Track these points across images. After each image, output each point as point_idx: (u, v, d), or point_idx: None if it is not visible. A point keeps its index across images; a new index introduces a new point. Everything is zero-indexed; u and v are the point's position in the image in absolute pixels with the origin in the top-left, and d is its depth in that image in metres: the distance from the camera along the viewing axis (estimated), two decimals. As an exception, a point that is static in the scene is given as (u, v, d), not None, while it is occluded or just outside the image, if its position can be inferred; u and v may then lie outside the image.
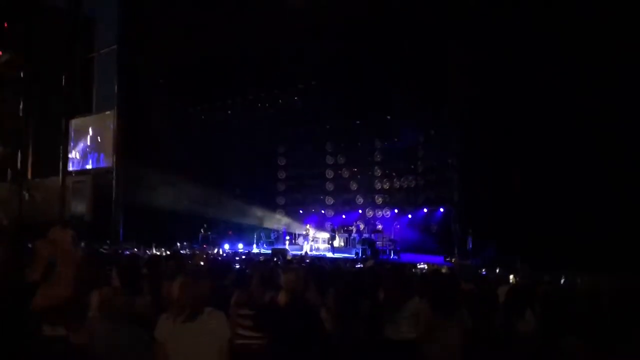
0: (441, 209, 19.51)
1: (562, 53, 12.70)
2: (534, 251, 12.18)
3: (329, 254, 18.75)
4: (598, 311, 4.56)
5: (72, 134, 24.54)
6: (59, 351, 3.08)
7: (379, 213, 22.51)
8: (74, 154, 24.50)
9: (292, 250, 18.90)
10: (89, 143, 23.91)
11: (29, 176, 25.57)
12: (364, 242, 18.30)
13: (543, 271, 8.76)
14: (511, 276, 7.80)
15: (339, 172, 23.71)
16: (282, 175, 25.12)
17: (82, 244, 13.95)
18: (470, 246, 15.18)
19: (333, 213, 23.74)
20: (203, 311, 3.31)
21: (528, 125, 13.52)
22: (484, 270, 9.19)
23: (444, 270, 7.92)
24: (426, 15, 15.00)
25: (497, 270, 9.19)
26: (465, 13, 14.44)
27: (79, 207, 23.66)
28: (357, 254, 17.62)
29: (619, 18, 11.80)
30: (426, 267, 8.98)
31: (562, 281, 7.59)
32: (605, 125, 12.03)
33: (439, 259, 14.73)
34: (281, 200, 25.03)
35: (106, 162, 22.94)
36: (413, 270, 9.09)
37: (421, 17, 15.07)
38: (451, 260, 9.07)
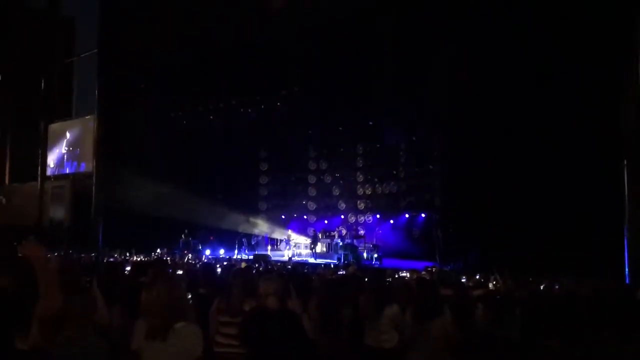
0: (423, 215, 19.61)
1: (547, 60, 12.86)
2: (515, 256, 12.29)
3: (311, 260, 18.71)
4: (575, 314, 4.63)
5: (51, 139, 24.24)
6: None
7: (361, 218, 22.53)
8: (53, 159, 24.18)
9: (274, 256, 18.84)
10: (68, 148, 23.63)
11: (7, 181, 25.21)
12: (346, 247, 18.31)
13: (524, 276, 8.83)
14: (490, 284, 7.83)
15: (321, 177, 23.70)
16: (264, 180, 25.03)
17: (60, 252, 13.74)
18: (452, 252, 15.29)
19: (315, 218, 23.72)
20: (174, 327, 3.20)
21: (509, 132, 13.64)
22: (464, 277, 9.22)
23: (423, 276, 7.94)
24: (409, 20, 15.09)
25: (477, 276, 9.23)
26: (448, 17, 14.56)
27: (58, 212, 23.35)
28: (339, 259, 17.61)
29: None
30: (408, 275, 8.99)
31: (542, 287, 7.65)
32: (591, 132, 12.23)
33: (420, 264, 14.77)
34: (263, 206, 24.94)
35: (86, 167, 22.67)
36: (395, 276, 9.10)
37: (404, 22, 15.16)
38: (432, 270, 9.12)
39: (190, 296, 4.74)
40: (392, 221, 21.23)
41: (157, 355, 3.20)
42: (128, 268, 7.15)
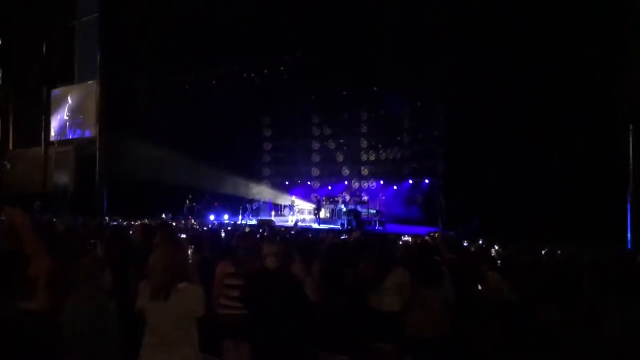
0: (426, 181, 19.62)
1: (552, 26, 12.66)
2: (517, 223, 12.35)
3: (315, 225, 18.82)
4: (576, 280, 4.66)
5: (54, 104, 24.19)
6: (32, 325, 3.07)
7: (365, 184, 22.58)
8: (55, 125, 24.17)
9: (277, 222, 18.95)
10: (71, 113, 23.58)
11: (10, 147, 25.27)
12: (349, 213, 18.37)
13: (526, 243, 8.89)
14: (492, 250, 7.88)
15: (325, 143, 23.66)
16: (267, 146, 25.00)
17: (64, 217, 13.86)
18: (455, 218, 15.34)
19: (319, 184, 23.78)
20: (177, 287, 3.31)
21: (514, 98, 13.53)
22: (465, 242, 9.28)
23: (425, 240, 7.99)
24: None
25: (480, 242, 9.30)
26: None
27: (63, 178, 23.48)
28: (342, 225, 17.70)
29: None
30: (410, 240, 9.05)
31: (544, 252, 7.70)
32: (596, 97, 12.13)
33: (423, 230, 14.86)
34: (267, 172, 24.98)
35: (89, 132, 22.67)
36: (398, 241, 9.16)
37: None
38: (434, 235, 9.20)
39: (194, 259, 4.80)
40: (395, 187, 21.27)
41: (160, 314, 3.30)
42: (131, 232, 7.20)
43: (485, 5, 13.65)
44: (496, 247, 8.11)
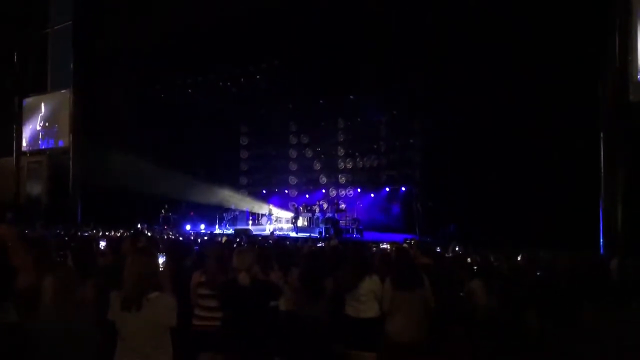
0: (403, 188, 19.73)
1: (527, 35, 12.84)
2: (493, 230, 12.46)
3: (293, 234, 18.77)
4: (553, 287, 4.69)
5: (26, 114, 23.77)
6: (8, 337, 3.00)
7: (342, 192, 22.61)
8: (27, 135, 23.73)
9: (255, 231, 18.85)
10: (44, 122, 23.18)
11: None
12: (327, 221, 18.37)
13: (501, 249, 8.96)
14: (469, 257, 7.91)
15: (303, 151, 23.65)
16: (244, 155, 24.90)
17: (35, 228, 13.62)
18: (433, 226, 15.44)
19: (296, 193, 23.75)
20: (148, 297, 3.24)
21: (489, 106, 13.68)
22: (440, 248, 9.33)
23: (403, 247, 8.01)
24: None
25: (457, 248, 9.35)
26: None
27: (35, 188, 23.05)
28: (320, 233, 17.69)
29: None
30: (388, 247, 9.07)
31: (520, 258, 7.76)
32: (568, 105, 12.31)
33: (400, 237, 14.92)
34: (244, 180, 24.86)
35: (62, 142, 22.30)
36: (374, 248, 9.17)
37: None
38: (411, 242, 9.25)
39: (167, 268, 4.75)
40: (372, 195, 21.35)
41: (132, 325, 3.23)
42: (103, 243, 7.12)
43: (461, 16, 13.78)
44: (474, 256, 8.14)
